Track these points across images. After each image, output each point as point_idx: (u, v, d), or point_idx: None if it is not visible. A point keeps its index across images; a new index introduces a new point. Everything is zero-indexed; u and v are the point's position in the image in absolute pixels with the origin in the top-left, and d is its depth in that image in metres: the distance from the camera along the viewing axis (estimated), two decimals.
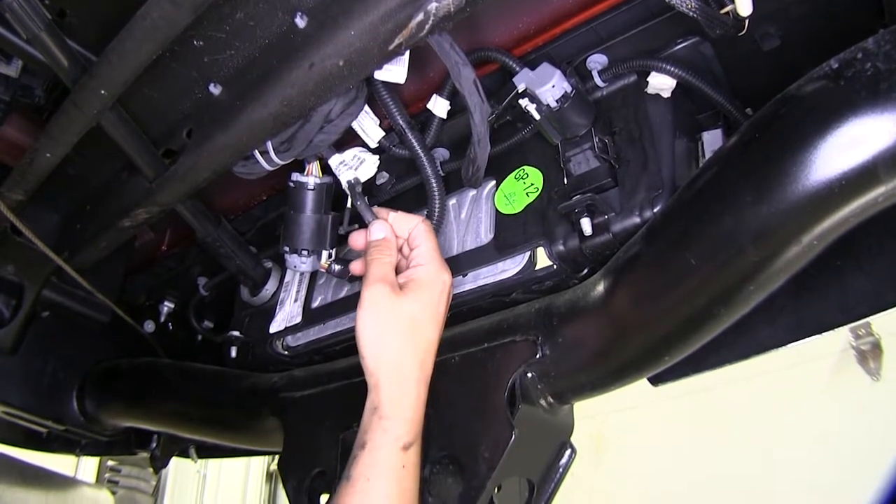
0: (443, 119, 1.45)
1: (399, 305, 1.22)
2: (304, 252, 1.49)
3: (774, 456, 3.76)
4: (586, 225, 1.27)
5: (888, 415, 3.52)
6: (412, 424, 1.16)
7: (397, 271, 1.30)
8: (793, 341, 1.25)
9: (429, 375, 1.22)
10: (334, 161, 1.43)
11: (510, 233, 1.41)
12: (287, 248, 1.50)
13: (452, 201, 1.55)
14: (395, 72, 1.29)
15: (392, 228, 1.34)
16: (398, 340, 1.21)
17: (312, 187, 1.47)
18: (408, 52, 1.24)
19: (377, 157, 1.45)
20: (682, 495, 4.00)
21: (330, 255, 1.50)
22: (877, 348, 3.64)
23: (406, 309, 1.22)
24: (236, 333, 1.88)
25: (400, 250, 1.34)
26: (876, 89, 0.85)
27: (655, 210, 1.22)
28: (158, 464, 2.42)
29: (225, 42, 1.23)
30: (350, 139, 1.47)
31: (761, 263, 0.96)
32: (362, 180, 1.44)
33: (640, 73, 1.34)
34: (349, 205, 1.47)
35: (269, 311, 1.81)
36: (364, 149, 1.45)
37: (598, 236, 1.27)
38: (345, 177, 1.43)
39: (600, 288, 1.17)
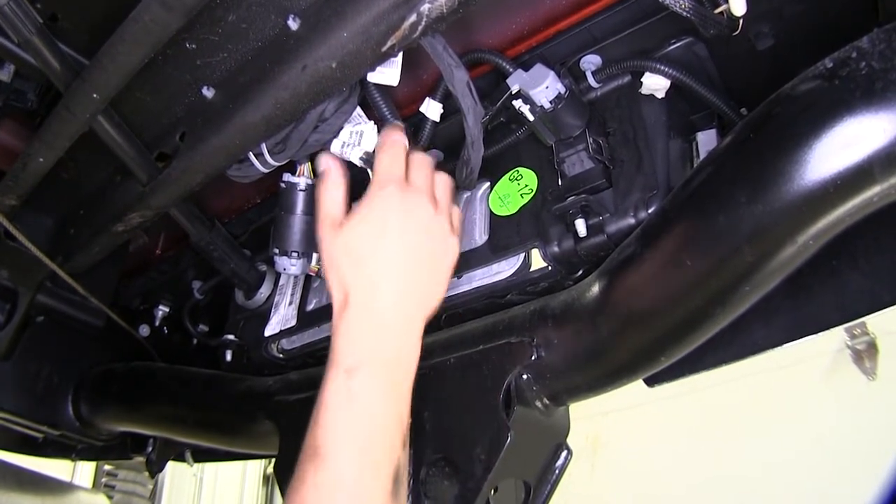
0: (436, 122, 1.44)
1: (335, 239, 1.21)
2: (294, 254, 1.48)
3: (771, 456, 3.76)
4: (581, 226, 1.27)
5: (884, 414, 3.52)
6: (354, 345, 1.13)
7: None
8: (789, 341, 1.24)
9: (383, 295, 1.17)
10: (336, 146, 1.41)
11: (504, 234, 1.40)
12: (277, 250, 1.50)
13: None
14: (388, 74, 1.29)
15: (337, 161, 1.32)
16: (335, 276, 1.20)
17: (304, 188, 1.47)
18: (401, 55, 1.24)
19: (373, 122, 1.43)
20: (679, 496, 4.00)
21: (320, 258, 1.50)
22: (872, 347, 3.65)
23: (341, 241, 1.20)
24: (231, 337, 1.88)
25: None
26: (871, 88, 0.85)
27: (650, 211, 1.22)
28: (155, 468, 2.41)
29: (217, 45, 1.22)
30: None
31: (757, 263, 0.95)
32: (371, 150, 1.43)
33: (633, 74, 1.34)
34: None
35: (263, 314, 1.81)
36: (356, 121, 1.43)
37: (592, 237, 1.27)
38: (354, 155, 1.42)
39: (595, 289, 1.17)
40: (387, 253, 1.18)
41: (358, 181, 1.53)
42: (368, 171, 1.45)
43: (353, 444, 1.04)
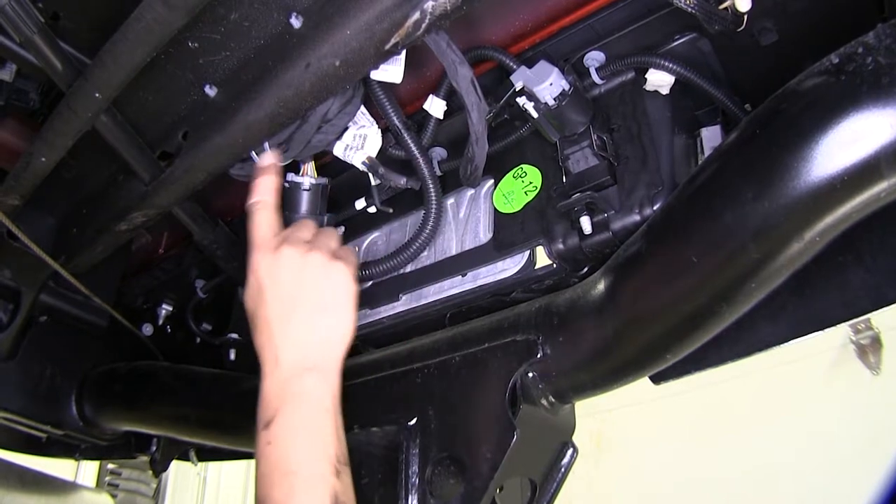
0: (439, 119, 1.44)
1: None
2: None
3: (775, 451, 3.75)
4: (586, 223, 1.27)
5: (888, 408, 3.51)
6: (267, 402, 1.16)
7: None
8: (795, 338, 1.24)
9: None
10: (339, 149, 1.42)
11: (509, 232, 1.40)
12: None
13: (451, 201, 1.55)
14: (391, 72, 1.28)
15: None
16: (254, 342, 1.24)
17: (308, 188, 1.46)
18: (404, 52, 1.24)
19: (376, 125, 1.44)
20: (684, 492, 4.00)
21: None
22: (876, 342, 3.64)
23: (247, 308, 1.26)
24: (235, 335, 1.88)
25: None
26: (877, 84, 0.84)
27: (655, 207, 1.22)
28: (158, 467, 2.42)
29: (220, 43, 1.22)
30: None
31: (763, 260, 0.95)
32: (374, 154, 1.42)
33: (637, 70, 1.34)
34: (374, 183, 1.47)
35: None
36: (359, 124, 1.43)
37: (597, 234, 1.27)
38: (357, 159, 1.42)
39: (601, 286, 1.17)
40: (268, 306, 1.21)
41: (360, 184, 1.54)
42: (371, 176, 1.45)
43: (280, 490, 1.07)
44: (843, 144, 0.86)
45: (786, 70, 1.00)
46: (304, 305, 1.21)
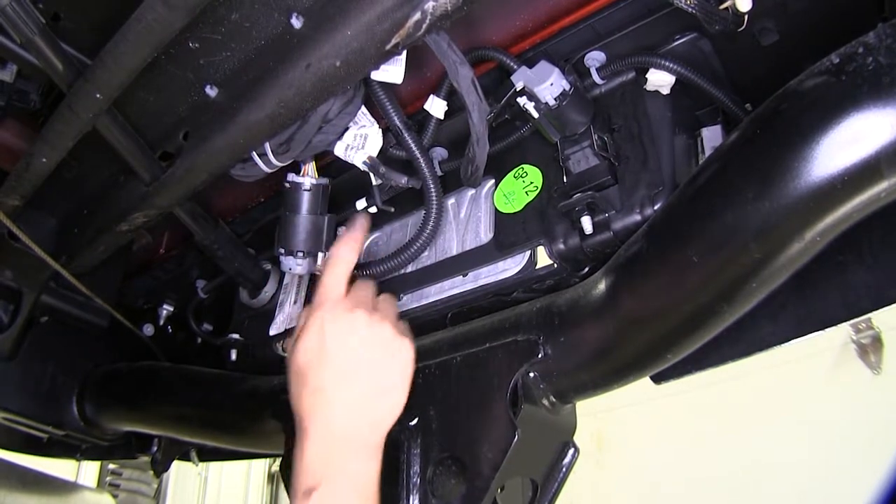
0: (440, 119, 1.44)
1: (290, 363, 1.26)
2: (300, 253, 1.48)
3: (776, 450, 3.75)
4: (587, 223, 1.27)
5: (889, 408, 3.52)
6: (310, 468, 1.14)
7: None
8: (795, 337, 1.24)
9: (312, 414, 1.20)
10: (339, 149, 1.41)
11: (510, 232, 1.40)
12: (282, 250, 1.49)
13: (451, 201, 1.55)
14: (392, 72, 1.28)
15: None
16: (294, 404, 1.24)
17: (308, 188, 1.46)
18: (405, 52, 1.24)
19: (377, 124, 1.43)
20: (684, 491, 4.00)
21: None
22: (877, 342, 3.65)
23: (292, 364, 1.25)
24: (236, 336, 1.87)
25: None
26: (878, 84, 0.85)
27: (656, 207, 1.22)
28: (160, 467, 2.41)
29: (220, 44, 1.22)
30: None
31: (764, 260, 0.95)
32: (375, 154, 1.42)
33: (638, 70, 1.34)
34: (375, 183, 1.47)
35: (268, 313, 1.80)
36: (360, 124, 1.43)
37: (598, 234, 1.27)
38: (358, 159, 1.42)
39: (602, 286, 1.17)
40: (326, 368, 1.19)
41: (361, 184, 1.54)
42: (372, 176, 1.45)
43: None
44: (844, 144, 0.86)
45: (786, 70, 1.00)
46: (368, 379, 1.20)
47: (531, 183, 1.41)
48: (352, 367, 1.19)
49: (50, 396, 2.13)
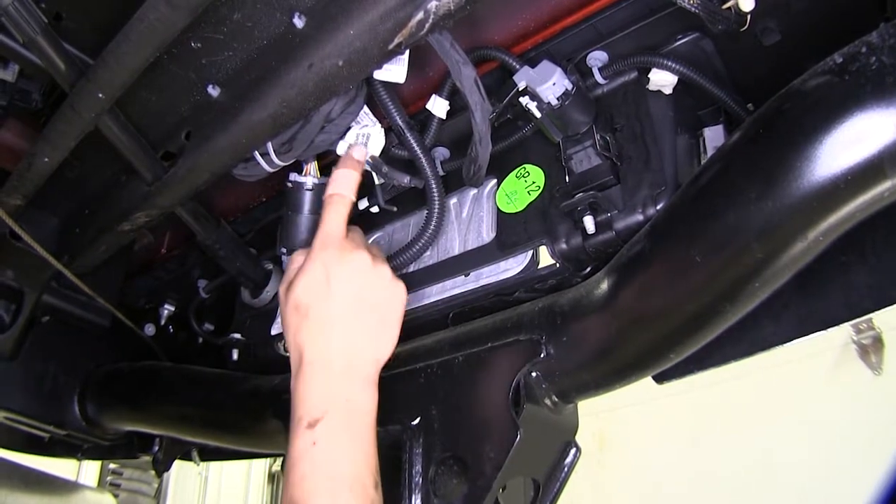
0: (442, 119, 1.44)
1: (286, 299, 1.24)
2: None
3: (777, 450, 3.75)
4: (589, 223, 1.27)
5: (890, 408, 3.52)
6: (311, 399, 1.14)
7: None
8: (797, 337, 1.24)
9: (314, 351, 1.19)
10: (342, 149, 1.41)
11: (512, 231, 1.40)
12: (284, 250, 1.49)
13: (453, 200, 1.55)
14: (394, 71, 1.28)
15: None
16: (290, 337, 1.23)
17: (310, 187, 1.46)
18: (407, 52, 1.24)
19: (379, 124, 1.44)
20: (686, 491, 4.00)
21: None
22: (878, 342, 3.64)
23: (290, 299, 1.23)
24: (238, 336, 1.87)
25: None
26: (881, 83, 0.84)
27: (658, 207, 1.22)
28: (161, 467, 2.41)
29: (223, 43, 1.22)
30: None
31: (766, 260, 0.95)
32: (377, 153, 1.43)
33: (640, 70, 1.33)
34: (377, 182, 1.48)
35: (270, 312, 1.80)
36: (363, 124, 1.43)
37: (601, 234, 1.27)
38: None
39: (604, 286, 1.17)
40: (331, 304, 1.19)
41: (363, 184, 1.53)
42: (374, 175, 1.45)
43: (325, 494, 1.06)
44: (847, 144, 0.86)
45: (789, 70, 1.00)
46: (371, 314, 1.21)
47: (533, 182, 1.41)
48: (356, 303, 1.20)
49: (51, 396, 2.13)
